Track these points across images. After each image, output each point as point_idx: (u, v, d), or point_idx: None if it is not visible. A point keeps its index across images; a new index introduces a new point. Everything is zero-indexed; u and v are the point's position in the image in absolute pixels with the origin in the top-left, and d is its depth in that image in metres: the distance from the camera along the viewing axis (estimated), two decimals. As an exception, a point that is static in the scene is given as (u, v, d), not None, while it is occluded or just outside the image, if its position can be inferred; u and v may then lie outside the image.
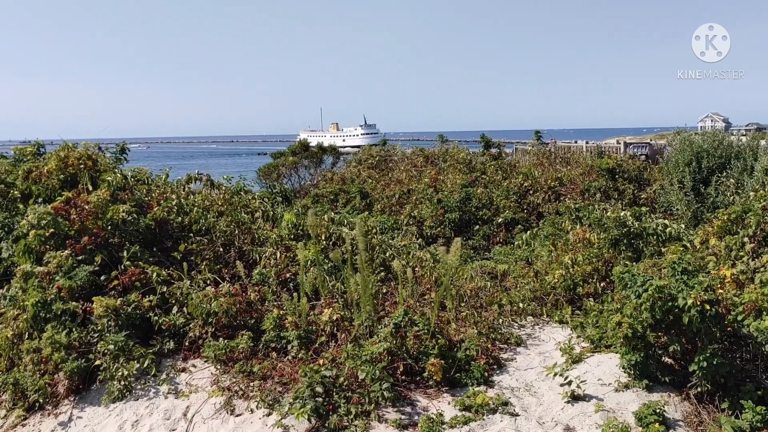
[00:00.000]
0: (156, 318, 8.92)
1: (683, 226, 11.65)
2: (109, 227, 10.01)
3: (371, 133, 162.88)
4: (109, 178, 10.97)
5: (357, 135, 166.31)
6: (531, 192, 20.44)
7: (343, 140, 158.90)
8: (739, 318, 6.94)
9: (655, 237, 10.88)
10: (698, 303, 6.90)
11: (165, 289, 9.32)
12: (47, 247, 9.61)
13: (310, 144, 35.19)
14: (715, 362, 7.00)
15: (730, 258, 8.55)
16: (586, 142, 33.11)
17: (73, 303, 8.77)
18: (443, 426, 7.12)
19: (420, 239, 16.84)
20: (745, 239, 8.60)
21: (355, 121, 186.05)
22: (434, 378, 7.95)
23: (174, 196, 11.30)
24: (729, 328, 7.38)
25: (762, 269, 7.60)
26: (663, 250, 10.18)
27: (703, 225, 10.88)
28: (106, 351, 8.24)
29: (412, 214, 19.08)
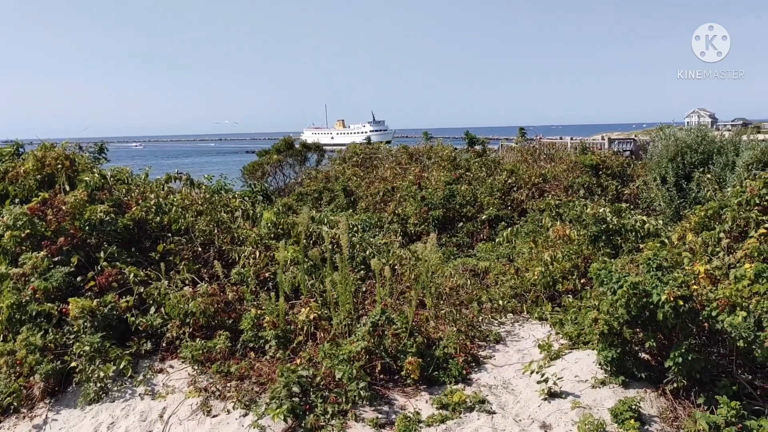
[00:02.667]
0: (133, 319, 8.85)
1: (661, 222, 11.69)
2: (87, 228, 9.93)
3: (380, 130, 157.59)
4: (86, 178, 10.87)
5: (365, 132, 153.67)
6: (515, 189, 20.46)
7: (351, 137, 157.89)
8: (714, 313, 6.96)
9: (633, 233, 10.92)
10: (672, 299, 6.92)
11: (142, 290, 9.26)
12: (23, 248, 9.52)
13: (318, 142, 34.49)
14: (690, 358, 7.03)
15: (706, 254, 8.58)
16: (571, 138, 33.18)
17: (49, 304, 8.69)
18: (420, 425, 7.12)
19: (404, 237, 16.83)
20: (722, 235, 8.63)
21: (361, 118, 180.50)
22: (412, 376, 7.95)
23: (153, 196, 11.22)
24: (705, 324, 7.41)
25: (737, 265, 7.63)
26: (641, 246, 10.22)
27: (681, 221, 10.91)
28: (81, 352, 8.16)
29: (396, 211, 19.05)
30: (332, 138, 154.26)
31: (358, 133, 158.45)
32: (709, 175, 16.35)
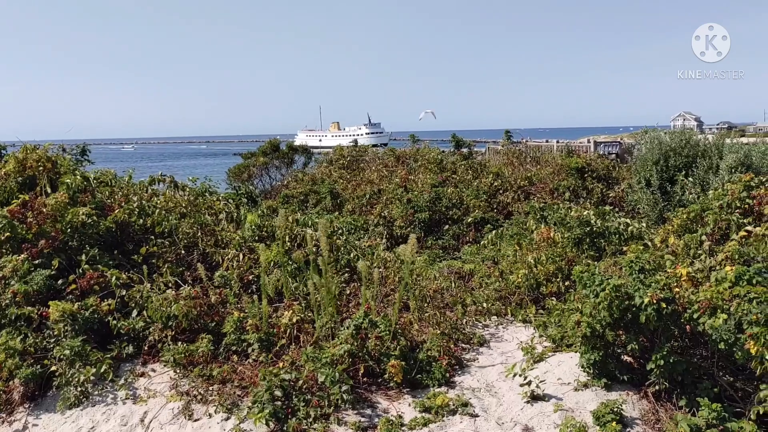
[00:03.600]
0: (115, 322, 8.79)
1: (644, 224, 11.74)
2: (68, 230, 9.84)
3: (376, 133, 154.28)
4: (68, 180, 10.78)
5: (362, 135, 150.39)
6: (501, 191, 20.53)
7: (347, 140, 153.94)
8: (695, 316, 6.98)
9: (617, 236, 10.96)
10: (654, 301, 6.94)
11: (125, 293, 9.19)
12: (3, 251, 9.45)
13: (312, 145, 34.13)
14: (672, 360, 7.05)
15: (688, 256, 8.62)
16: (557, 141, 33.30)
17: (29, 308, 8.62)
18: (402, 428, 7.10)
19: (390, 239, 16.83)
20: (703, 237, 8.68)
21: (356, 121, 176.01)
22: (395, 379, 7.93)
23: (136, 198, 11.15)
24: (686, 326, 7.43)
25: (718, 267, 7.67)
26: (625, 248, 10.25)
27: (665, 223, 10.97)
28: (62, 356, 8.08)
29: (383, 214, 19.04)
30: (321, 141, 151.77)
31: (353, 135, 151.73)
32: (690, 179, 16.44)
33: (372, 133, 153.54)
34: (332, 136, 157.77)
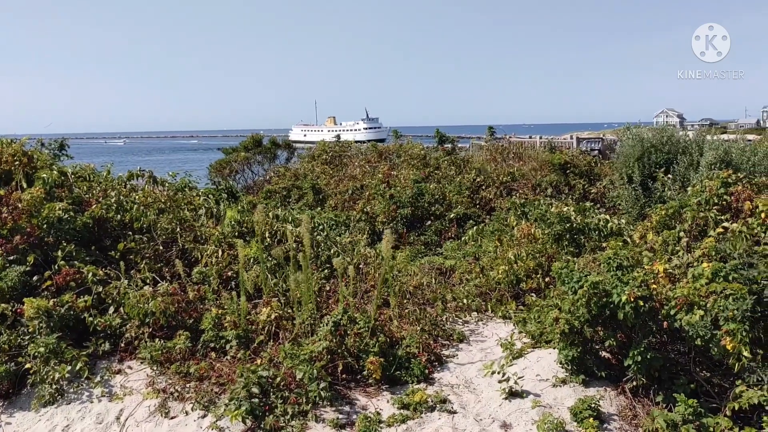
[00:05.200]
0: (91, 319, 8.69)
1: (624, 221, 11.77)
2: (44, 226, 9.72)
3: (375, 128, 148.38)
4: (44, 175, 10.64)
5: (360, 130, 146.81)
6: (483, 187, 20.51)
7: (344, 136, 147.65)
8: (672, 312, 7.01)
9: (596, 232, 10.98)
10: (632, 299, 6.96)
11: (101, 289, 9.09)
12: (-23, 247, 9.29)
13: (309, 140, 33.55)
14: (649, 356, 7.08)
15: (666, 252, 8.65)
16: (540, 138, 33.38)
17: (3, 305, 8.49)
18: (380, 425, 7.08)
19: (372, 235, 16.77)
20: (681, 234, 8.71)
21: (352, 115, 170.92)
22: (374, 376, 7.91)
23: (113, 193, 11.02)
24: (664, 323, 7.46)
25: (695, 264, 7.69)
26: (604, 245, 10.27)
27: (645, 220, 11.01)
28: (36, 354, 7.98)
29: (365, 209, 18.96)
30: (318, 136, 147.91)
31: (351, 130, 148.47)
32: (669, 175, 16.52)
33: (370, 128, 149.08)
34: (328, 131, 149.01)
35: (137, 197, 11.28)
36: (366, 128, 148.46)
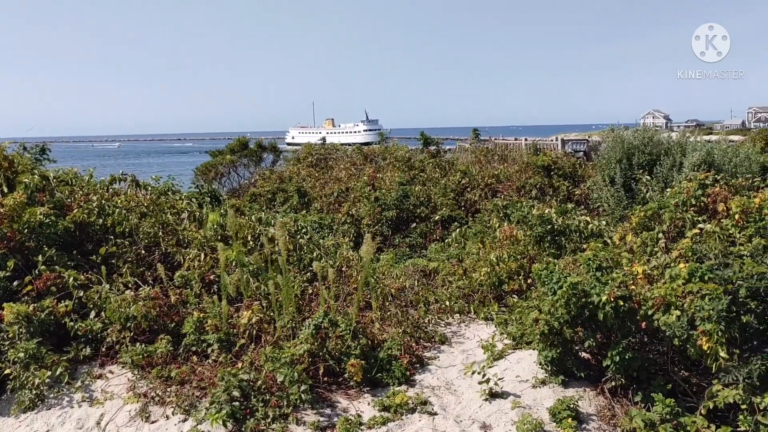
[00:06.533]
0: (72, 324, 8.66)
1: (604, 222, 11.88)
2: (25, 230, 9.66)
3: (374, 129, 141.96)
4: (26, 180, 10.60)
5: (359, 131, 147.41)
6: (468, 189, 20.62)
7: (342, 137, 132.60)
8: (650, 312, 7.08)
9: (577, 233, 11.07)
10: (612, 299, 7.03)
11: (82, 294, 9.06)
12: (-44, 252, 9.24)
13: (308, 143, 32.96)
14: (627, 356, 7.14)
15: (645, 253, 8.74)
16: (525, 139, 33.55)
17: (-17, 310, 8.45)
18: (361, 427, 7.11)
19: (357, 238, 16.82)
20: (660, 235, 8.80)
21: (351, 117, 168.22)
22: (355, 379, 7.93)
23: (95, 198, 10.98)
24: (642, 323, 7.54)
25: (672, 264, 7.78)
26: (585, 246, 10.36)
27: (623, 222, 11.11)
28: (16, 359, 7.93)
29: (350, 212, 19.02)
30: (316, 138, 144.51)
31: (350, 132, 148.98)
32: (648, 176, 16.67)
33: (370, 129, 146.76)
34: (327, 133, 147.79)
35: (119, 201, 11.25)
36: (366, 130, 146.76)
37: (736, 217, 8.12)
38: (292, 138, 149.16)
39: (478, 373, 7.77)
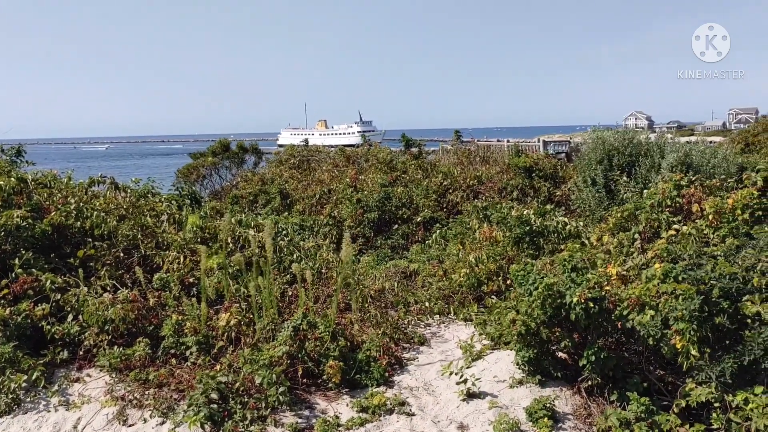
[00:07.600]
0: (49, 327, 8.60)
1: (582, 223, 11.98)
2: (2, 233, 9.60)
3: (369, 131, 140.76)
4: (1, 182, 10.52)
5: (353, 133, 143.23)
6: (450, 191, 20.70)
7: (335, 139, 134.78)
8: (624, 313, 7.17)
9: (555, 234, 11.16)
10: (582, 300, 7.10)
11: (60, 297, 9.01)
12: (-69, 256, 9.16)
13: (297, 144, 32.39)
14: (603, 356, 7.22)
15: (621, 254, 8.83)
16: (507, 141, 33.72)
17: (-42, 314, 8.37)
18: (339, 428, 7.12)
19: (340, 240, 16.84)
20: (636, 236, 8.90)
21: (344, 119, 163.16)
22: (333, 380, 7.95)
23: (73, 200, 10.92)
24: (617, 323, 7.62)
25: (647, 265, 7.87)
26: (562, 247, 10.44)
27: (602, 222, 11.21)
28: (-9, 363, 7.89)
29: (332, 214, 19.04)
30: (307, 140, 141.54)
31: (344, 134, 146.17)
32: (626, 178, 16.82)
33: (364, 131, 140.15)
34: (319, 134, 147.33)
35: (98, 204, 11.19)
36: (360, 131, 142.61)
37: (710, 217, 8.24)
38: (285, 140, 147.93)
39: (456, 374, 7.82)
